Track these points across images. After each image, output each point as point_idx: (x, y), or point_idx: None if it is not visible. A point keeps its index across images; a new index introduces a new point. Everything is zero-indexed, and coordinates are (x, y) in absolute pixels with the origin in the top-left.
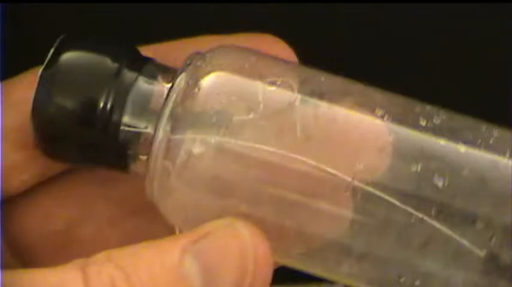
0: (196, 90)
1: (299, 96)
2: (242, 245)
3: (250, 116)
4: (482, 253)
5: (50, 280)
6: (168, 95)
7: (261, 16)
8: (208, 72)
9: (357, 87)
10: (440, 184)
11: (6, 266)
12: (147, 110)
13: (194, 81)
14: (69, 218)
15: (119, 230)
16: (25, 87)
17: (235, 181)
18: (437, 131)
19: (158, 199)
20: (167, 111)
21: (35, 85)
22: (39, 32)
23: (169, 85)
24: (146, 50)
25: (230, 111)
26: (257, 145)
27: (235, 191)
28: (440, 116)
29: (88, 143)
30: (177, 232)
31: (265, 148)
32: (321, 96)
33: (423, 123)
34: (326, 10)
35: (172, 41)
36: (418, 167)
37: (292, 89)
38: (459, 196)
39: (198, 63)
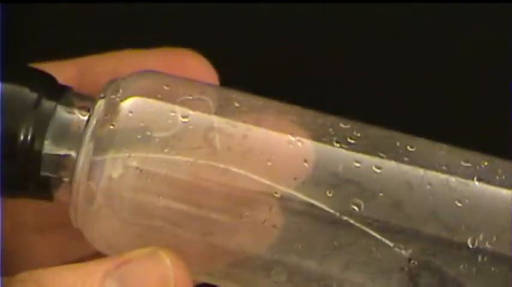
0: (115, 114)
1: (216, 115)
2: (163, 273)
3: (169, 134)
4: (400, 276)
5: None
6: (88, 120)
7: (261, 16)
8: (126, 97)
9: (274, 106)
10: (356, 208)
11: None
12: (68, 137)
13: (113, 106)
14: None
15: (49, 241)
16: None
17: (158, 201)
18: (352, 151)
19: (83, 225)
20: (88, 134)
21: None
22: (39, 32)
23: (88, 112)
24: (69, 65)
25: (149, 131)
26: (177, 159)
27: (158, 212)
28: (355, 135)
29: (12, 175)
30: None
31: (185, 160)
32: (238, 114)
33: (337, 144)
34: (325, 10)
35: (94, 55)
36: (335, 192)
37: (209, 108)
38: (376, 218)
39: (115, 90)
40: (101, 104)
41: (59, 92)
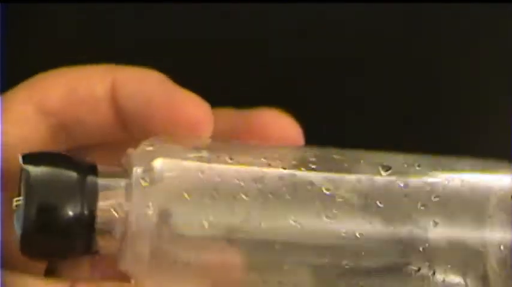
0: (151, 178)
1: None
2: None
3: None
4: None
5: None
6: (128, 184)
7: (261, 17)
8: (155, 164)
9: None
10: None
11: None
12: (113, 200)
13: (147, 171)
14: None
15: (97, 271)
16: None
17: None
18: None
19: (136, 278)
20: (136, 192)
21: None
22: (39, 32)
23: (124, 179)
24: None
25: (181, 190)
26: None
27: (193, 245)
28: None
29: (66, 243)
30: None
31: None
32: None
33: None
34: (326, 10)
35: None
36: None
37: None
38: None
39: (146, 162)
40: (136, 171)
41: (95, 169)
